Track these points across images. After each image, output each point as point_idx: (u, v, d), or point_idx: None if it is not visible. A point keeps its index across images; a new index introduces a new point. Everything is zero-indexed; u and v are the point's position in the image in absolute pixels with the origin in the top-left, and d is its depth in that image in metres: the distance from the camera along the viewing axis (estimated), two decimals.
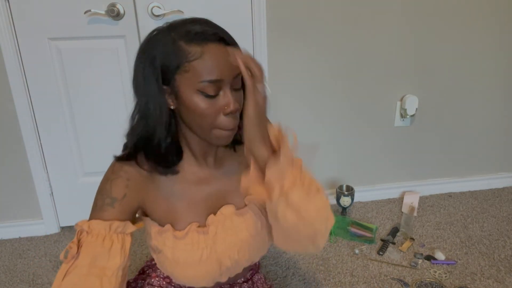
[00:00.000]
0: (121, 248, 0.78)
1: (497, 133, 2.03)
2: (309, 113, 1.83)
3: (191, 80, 0.71)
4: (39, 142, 1.68)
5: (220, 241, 0.86)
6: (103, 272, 0.75)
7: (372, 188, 2.02)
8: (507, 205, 1.95)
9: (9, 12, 1.50)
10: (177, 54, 0.71)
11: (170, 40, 0.71)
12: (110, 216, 0.78)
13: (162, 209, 0.85)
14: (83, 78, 1.62)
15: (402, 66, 1.82)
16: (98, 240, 0.76)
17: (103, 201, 0.79)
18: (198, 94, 0.72)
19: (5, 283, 1.51)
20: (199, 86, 0.71)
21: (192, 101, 0.72)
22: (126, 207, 0.80)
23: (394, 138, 1.95)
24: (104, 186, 0.80)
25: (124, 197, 0.79)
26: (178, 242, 0.84)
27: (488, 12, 1.79)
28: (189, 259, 0.84)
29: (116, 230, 0.78)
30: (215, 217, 0.87)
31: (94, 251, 0.75)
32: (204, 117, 0.73)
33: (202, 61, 0.70)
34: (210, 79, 0.70)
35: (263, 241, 0.93)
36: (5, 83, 1.58)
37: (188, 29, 0.71)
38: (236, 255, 0.89)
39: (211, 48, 0.70)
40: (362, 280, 1.44)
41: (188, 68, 0.70)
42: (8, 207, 1.78)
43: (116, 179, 0.80)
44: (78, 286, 0.73)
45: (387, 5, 1.70)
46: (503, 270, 1.48)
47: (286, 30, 1.67)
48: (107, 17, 1.54)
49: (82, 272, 0.73)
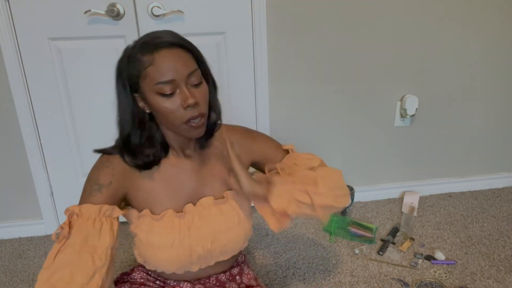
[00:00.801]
0: (110, 229, 0.86)
1: (497, 133, 2.03)
2: (309, 113, 1.83)
3: (149, 84, 0.81)
4: (39, 142, 1.68)
5: (195, 229, 0.93)
6: (94, 250, 0.82)
7: (372, 188, 2.02)
8: (507, 205, 1.95)
9: (9, 12, 1.50)
10: (136, 64, 0.81)
11: (131, 54, 0.82)
12: (99, 200, 0.87)
13: (142, 196, 0.93)
14: (83, 78, 1.62)
15: (402, 66, 1.82)
16: (89, 222, 0.84)
17: (91, 187, 0.88)
18: (158, 96, 0.81)
19: (5, 283, 1.51)
20: (156, 88, 0.80)
21: (155, 103, 0.82)
22: (112, 193, 0.89)
23: (394, 138, 1.95)
24: (92, 175, 0.90)
25: (110, 184, 0.88)
26: (154, 224, 0.91)
27: (488, 12, 1.79)
28: (162, 242, 0.91)
29: (105, 213, 0.86)
30: (193, 207, 0.95)
31: (86, 231, 0.83)
32: (169, 115, 0.82)
33: (154, 67, 0.79)
34: (163, 80, 0.79)
35: (240, 235, 0.99)
36: (5, 83, 1.58)
37: (144, 41, 0.82)
38: (209, 245, 0.95)
39: (162, 54, 0.80)
40: (362, 280, 1.44)
41: (145, 74, 0.81)
42: (8, 207, 1.78)
43: (102, 168, 0.90)
44: (72, 262, 0.79)
45: (387, 5, 1.70)
46: (503, 270, 1.48)
47: (286, 30, 1.68)
48: (107, 17, 1.54)
49: (75, 249, 0.80)
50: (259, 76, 1.71)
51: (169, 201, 0.94)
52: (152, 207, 0.93)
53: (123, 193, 0.92)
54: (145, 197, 0.93)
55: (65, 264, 0.79)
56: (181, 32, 0.87)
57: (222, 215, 0.96)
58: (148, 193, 0.93)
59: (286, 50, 1.71)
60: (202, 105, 0.84)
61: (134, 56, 0.82)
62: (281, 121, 1.82)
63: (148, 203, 0.93)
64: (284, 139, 1.86)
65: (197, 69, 0.83)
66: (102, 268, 0.82)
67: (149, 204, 0.93)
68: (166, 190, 0.93)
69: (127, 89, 0.85)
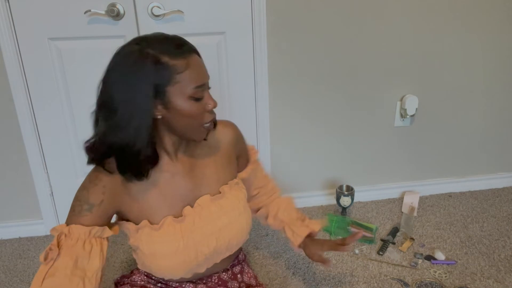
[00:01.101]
0: (100, 251, 0.84)
1: (497, 133, 2.03)
2: (309, 113, 1.83)
3: (182, 89, 0.81)
4: (39, 142, 1.68)
5: (198, 230, 0.92)
6: (84, 273, 0.80)
7: (372, 188, 2.02)
8: (507, 205, 1.95)
9: (9, 12, 1.50)
10: (166, 69, 0.80)
11: (154, 59, 0.79)
12: (89, 221, 0.83)
13: (137, 208, 0.90)
14: (83, 78, 1.62)
15: (402, 66, 1.82)
16: (78, 244, 0.81)
17: (81, 207, 0.84)
18: (190, 100, 0.82)
19: (5, 283, 1.51)
20: (191, 92, 0.82)
21: (185, 107, 0.82)
22: (103, 212, 0.86)
23: (394, 138, 1.95)
24: (81, 193, 0.85)
25: (101, 203, 0.85)
26: (154, 234, 0.89)
27: (488, 12, 1.79)
28: (165, 250, 0.89)
29: (95, 234, 0.84)
30: (192, 208, 0.94)
31: (76, 253, 0.80)
32: (194, 118, 0.84)
33: (190, 72, 0.81)
34: (198, 85, 0.83)
35: (242, 227, 1.01)
36: (5, 83, 1.58)
37: (167, 46, 0.81)
38: (215, 243, 0.95)
39: (193, 60, 0.83)
40: (362, 280, 1.44)
41: (178, 79, 0.81)
42: (8, 207, 1.78)
43: (93, 187, 0.85)
44: (62, 285, 0.78)
45: (387, 5, 1.70)
46: (503, 270, 1.48)
47: (286, 30, 1.67)
48: (107, 17, 1.54)
49: (67, 273, 0.78)
50: (259, 76, 1.71)
51: (166, 208, 0.92)
52: (150, 217, 0.91)
53: (115, 210, 0.89)
54: (140, 209, 0.90)
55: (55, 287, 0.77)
56: (181, 32, 0.88)
57: (222, 211, 0.96)
58: (143, 203, 0.90)
59: (286, 50, 1.71)
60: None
61: (159, 60, 0.79)
62: (281, 121, 1.82)
63: (144, 214, 0.91)
64: (284, 138, 1.86)
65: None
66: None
67: (146, 215, 0.91)
68: (161, 197, 0.91)
69: (150, 95, 0.80)
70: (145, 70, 0.79)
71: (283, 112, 1.81)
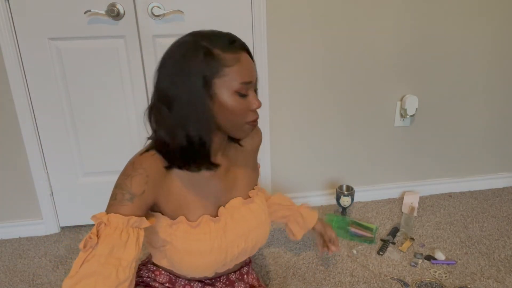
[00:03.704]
0: (136, 241, 0.83)
1: (497, 133, 2.03)
2: (309, 113, 1.83)
3: (229, 83, 0.82)
4: (39, 142, 1.68)
5: (230, 231, 0.95)
6: (119, 262, 0.80)
7: (372, 188, 2.02)
8: (507, 205, 1.95)
9: (9, 12, 1.50)
10: (216, 61, 0.81)
11: (206, 50, 0.81)
12: (128, 211, 0.83)
13: (175, 203, 0.91)
14: (83, 78, 1.62)
15: (402, 66, 1.82)
16: (116, 233, 0.81)
17: (122, 196, 0.83)
18: (234, 95, 0.83)
19: (5, 283, 1.51)
20: (237, 87, 0.82)
21: (229, 101, 0.83)
22: (143, 203, 0.85)
23: (394, 138, 1.95)
24: (124, 181, 0.84)
25: (142, 193, 0.84)
26: (192, 231, 0.91)
27: (488, 12, 1.79)
28: (202, 248, 0.91)
29: (133, 224, 0.83)
30: (225, 209, 0.97)
31: (112, 242, 0.80)
32: (237, 114, 0.85)
33: (239, 67, 0.82)
34: (245, 81, 0.83)
35: (266, 230, 1.05)
36: (5, 83, 1.58)
37: (220, 40, 0.83)
38: (243, 244, 0.98)
39: (243, 56, 0.84)
40: (362, 280, 1.44)
41: (227, 72, 0.81)
42: (8, 207, 1.78)
43: (136, 176, 0.84)
44: (96, 273, 0.78)
45: (387, 5, 1.70)
46: (503, 270, 1.48)
47: (286, 30, 1.68)
48: (107, 17, 1.54)
49: (101, 261, 0.78)
50: (259, 75, 1.71)
51: (202, 206, 0.94)
52: (186, 213, 0.92)
53: (154, 200, 0.89)
54: (177, 204, 0.91)
55: (89, 274, 0.78)
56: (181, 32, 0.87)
57: (252, 214, 1.00)
58: (180, 199, 0.91)
59: (286, 49, 1.71)
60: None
61: (211, 52, 0.81)
62: (281, 121, 1.82)
63: (181, 210, 0.92)
64: (284, 138, 1.86)
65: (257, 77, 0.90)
66: (125, 282, 0.80)
67: (182, 211, 0.92)
68: (198, 196, 0.93)
69: (203, 86, 0.81)
70: (196, 61, 0.80)
71: (283, 112, 1.81)
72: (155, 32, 1.58)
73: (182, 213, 0.92)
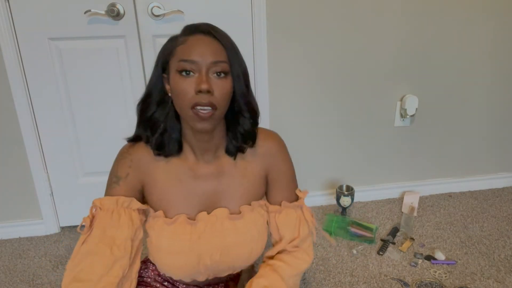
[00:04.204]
0: (128, 221, 0.87)
1: (497, 133, 2.03)
2: (309, 113, 1.83)
3: (174, 62, 0.81)
4: (39, 142, 1.68)
5: (206, 239, 0.90)
6: (113, 241, 0.84)
7: (372, 188, 2.02)
8: (507, 205, 1.95)
9: (9, 12, 1.50)
10: (171, 43, 0.83)
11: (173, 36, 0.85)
12: (116, 192, 0.88)
13: (157, 195, 0.91)
14: (83, 78, 1.62)
15: (402, 66, 1.82)
16: (107, 214, 0.85)
17: (111, 180, 0.90)
18: (177, 74, 0.80)
19: (5, 283, 1.51)
20: (178, 65, 0.79)
21: (173, 81, 0.80)
22: (129, 185, 0.89)
23: (394, 138, 1.95)
24: (112, 167, 0.91)
25: (127, 176, 0.89)
26: (166, 228, 0.89)
27: (488, 12, 1.79)
28: (171, 247, 0.89)
29: (122, 204, 0.87)
30: (207, 215, 0.91)
31: (104, 223, 0.85)
32: (180, 96, 0.79)
33: (184, 46, 0.80)
34: (185, 58, 0.78)
35: (250, 252, 0.94)
36: (5, 83, 1.58)
37: (188, 25, 0.84)
38: (218, 257, 0.91)
39: (195, 37, 0.81)
40: (362, 280, 1.44)
41: (175, 52, 0.81)
42: (8, 207, 1.78)
43: (121, 159, 0.90)
44: (92, 253, 0.83)
45: (387, 5, 1.70)
46: (503, 270, 1.48)
47: (286, 30, 1.68)
48: (107, 17, 1.54)
49: (95, 241, 0.83)
50: (259, 76, 1.71)
51: (183, 205, 0.91)
52: (166, 209, 0.91)
53: (140, 185, 0.91)
54: (160, 197, 0.91)
55: (86, 255, 0.83)
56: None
57: (235, 230, 0.92)
58: (162, 193, 0.90)
59: (286, 50, 1.71)
60: (217, 97, 0.79)
61: (173, 37, 0.84)
62: (281, 121, 1.82)
63: (162, 203, 0.91)
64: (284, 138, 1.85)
65: (224, 62, 0.80)
66: (122, 259, 0.84)
67: (163, 205, 0.91)
68: (181, 193, 0.90)
69: (159, 66, 0.85)
70: (162, 49, 0.84)
71: (283, 112, 1.81)
72: (155, 32, 1.58)
73: (162, 207, 0.91)
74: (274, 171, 0.97)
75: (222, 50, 0.81)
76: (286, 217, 0.96)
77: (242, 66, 0.85)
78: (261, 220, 0.96)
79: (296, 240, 0.96)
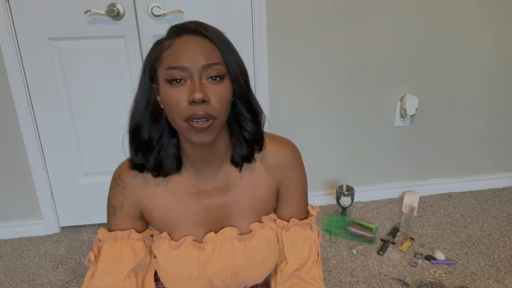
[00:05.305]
0: (131, 253, 0.83)
1: (497, 133, 2.03)
2: (309, 113, 1.83)
3: (162, 70, 0.70)
4: (39, 142, 1.68)
5: (214, 262, 0.83)
6: (117, 276, 0.81)
7: (372, 188, 2.02)
8: (507, 205, 1.95)
9: (9, 12, 1.50)
10: (157, 48, 0.73)
11: (158, 40, 0.75)
12: (115, 224, 0.84)
13: (159, 218, 0.84)
14: (83, 78, 1.62)
15: (402, 66, 1.82)
16: (110, 247, 0.83)
17: (108, 210, 0.84)
18: (166, 84, 0.69)
19: (5, 283, 1.51)
20: (166, 74, 0.69)
21: (164, 92, 0.70)
22: (126, 215, 0.83)
23: (394, 138, 1.95)
24: (108, 194, 0.84)
25: (122, 206, 0.83)
26: (171, 252, 0.82)
27: (488, 11, 1.79)
28: (178, 273, 0.83)
29: (122, 237, 0.83)
30: (215, 235, 0.84)
31: (108, 257, 0.82)
32: (172, 108, 0.69)
33: (170, 50, 0.70)
34: (174, 65, 0.68)
35: (263, 271, 0.88)
36: (5, 83, 1.58)
37: (171, 26, 0.74)
38: (229, 280, 0.85)
39: (182, 39, 0.70)
40: (362, 280, 1.44)
41: (161, 59, 0.71)
42: (8, 207, 1.78)
43: (114, 187, 0.83)
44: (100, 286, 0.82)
45: (387, 5, 1.70)
46: (503, 270, 1.48)
47: (286, 30, 1.67)
48: (107, 17, 1.54)
49: (101, 277, 0.82)
50: (259, 76, 1.71)
51: (188, 225, 0.83)
52: (170, 230, 0.84)
53: (139, 212, 0.84)
54: (163, 219, 0.83)
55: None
56: None
57: (245, 252, 0.84)
58: (165, 214, 0.83)
59: (286, 50, 1.71)
60: (215, 106, 0.69)
61: (158, 41, 0.74)
62: (281, 121, 1.82)
63: (165, 225, 0.84)
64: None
65: (219, 64, 0.70)
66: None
67: (167, 226, 0.84)
68: (184, 213, 0.83)
69: (146, 75, 0.74)
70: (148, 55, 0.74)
71: (283, 112, 1.81)
72: (155, 32, 1.58)
73: (166, 228, 0.84)
74: (286, 184, 0.88)
75: (214, 50, 0.71)
76: (293, 235, 0.87)
77: (239, 65, 0.76)
78: (272, 235, 0.87)
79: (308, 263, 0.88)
